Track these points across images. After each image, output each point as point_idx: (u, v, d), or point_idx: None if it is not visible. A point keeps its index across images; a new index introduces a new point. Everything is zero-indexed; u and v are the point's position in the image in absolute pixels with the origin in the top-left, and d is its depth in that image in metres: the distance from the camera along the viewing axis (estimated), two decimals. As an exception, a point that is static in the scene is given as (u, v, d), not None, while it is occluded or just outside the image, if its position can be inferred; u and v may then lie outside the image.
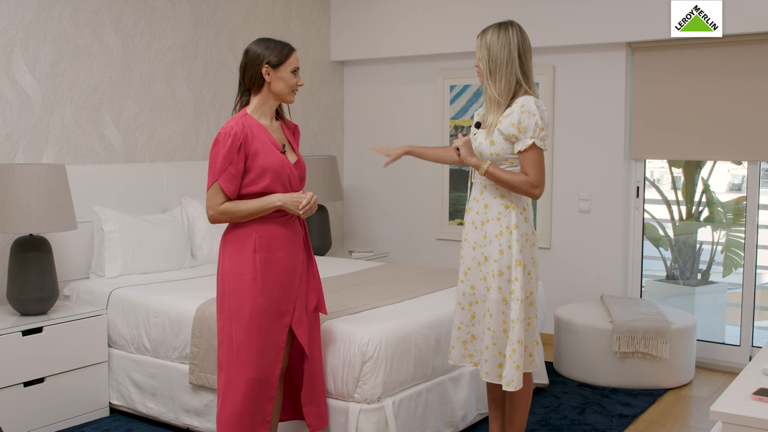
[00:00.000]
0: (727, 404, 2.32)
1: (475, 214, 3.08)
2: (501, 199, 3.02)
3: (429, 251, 5.83)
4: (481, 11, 5.27)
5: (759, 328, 4.88)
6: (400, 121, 5.92)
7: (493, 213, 3.02)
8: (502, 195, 3.02)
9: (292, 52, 2.94)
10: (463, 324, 3.13)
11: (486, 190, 3.04)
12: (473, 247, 3.08)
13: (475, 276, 3.08)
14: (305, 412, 3.08)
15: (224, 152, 2.81)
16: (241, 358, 2.87)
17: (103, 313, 3.85)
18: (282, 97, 2.95)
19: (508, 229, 2.99)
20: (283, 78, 2.91)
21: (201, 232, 4.57)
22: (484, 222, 3.04)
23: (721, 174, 5.59)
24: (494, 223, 3.01)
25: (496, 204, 3.02)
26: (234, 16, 5.26)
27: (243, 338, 2.86)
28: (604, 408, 4.05)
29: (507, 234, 2.99)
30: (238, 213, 2.86)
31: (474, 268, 3.08)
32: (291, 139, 3.04)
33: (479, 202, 3.07)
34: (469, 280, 3.10)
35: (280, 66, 2.90)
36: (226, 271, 2.91)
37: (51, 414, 3.65)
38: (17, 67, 4.04)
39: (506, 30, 2.99)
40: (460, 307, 3.14)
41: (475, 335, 3.11)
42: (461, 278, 3.14)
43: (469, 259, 3.10)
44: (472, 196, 3.12)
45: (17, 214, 3.53)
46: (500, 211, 3.01)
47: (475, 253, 3.07)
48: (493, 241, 3.01)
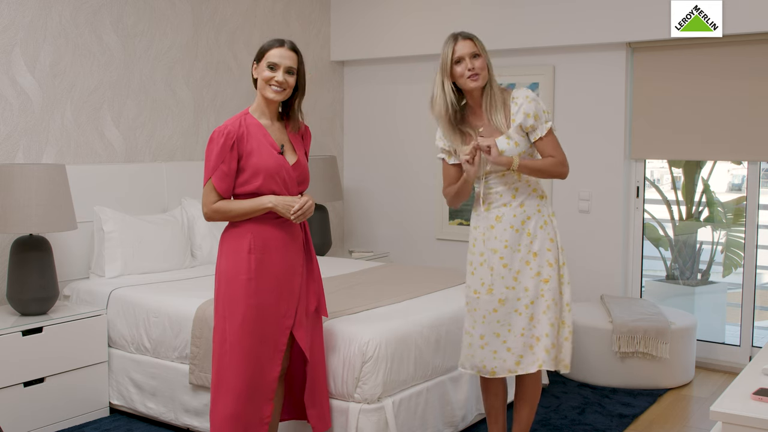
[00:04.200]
0: (727, 404, 2.32)
1: (512, 218, 3.01)
2: (534, 193, 3.05)
3: (429, 251, 5.83)
4: (481, 11, 5.27)
5: (759, 328, 4.88)
6: (400, 121, 5.92)
7: (532, 208, 3.03)
8: (534, 189, 3.06)
9: (273, 47, 2.88)
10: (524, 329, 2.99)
11: (518, 191, 3.03)
12: (518, 249, 3.01)
13: (526, 276, 3.01)
14: (309, 414, 3.07)
15: (217, 150, 2.81)
16: (233, 359, 2.86)
17: (103, 313, 3.85)
18: (262, 92, 2.90)
19: (549, 217, 3.06)
20: (261, 72, 2.88)
21: (201, 232, 4.57)
22: (525, 221, 3.02)
23: (721, 174, 5.59)
24: (536, 217, 3.03)
25: (532, 199, 3.04)
26: (234, 16, 5.26)
27: (236, 339, 2.85)
28: (604, 408, 4.05)
29: (550, 224, 3.05)
30: (230, 212, 2.86)
31: (524, 270, 3.01)
32: (294, 141, 3.02)
33: (513, 205, 3.02)
34: (520, 283, 3.01)
35: (261, 60, 2.89)
36: (222, 270, 2.90)
37: (51, 414, 3.65)
38: (17, 67, 4.04)
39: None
40: (517, 313, 2.99)
41: (534, 335, 3.01)
42: (508, 286, 2.99)
43: (516, 263, 3.00)
44: (500, 203, 3.03)
45: (17, 214, 3.53)
46: (538, 204, 3.05)
47: (522, 254, 3.01)
48: (539, 233, 3.02)
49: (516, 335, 3.01)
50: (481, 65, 2.99)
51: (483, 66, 3.00)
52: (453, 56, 2.99)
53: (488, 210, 3.05)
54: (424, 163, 5.79)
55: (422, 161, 5.81)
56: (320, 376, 3.09)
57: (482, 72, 2.99)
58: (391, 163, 5.99)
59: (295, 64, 2.91)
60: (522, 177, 3.04)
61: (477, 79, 2.99)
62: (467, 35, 3.01)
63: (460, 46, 2.99)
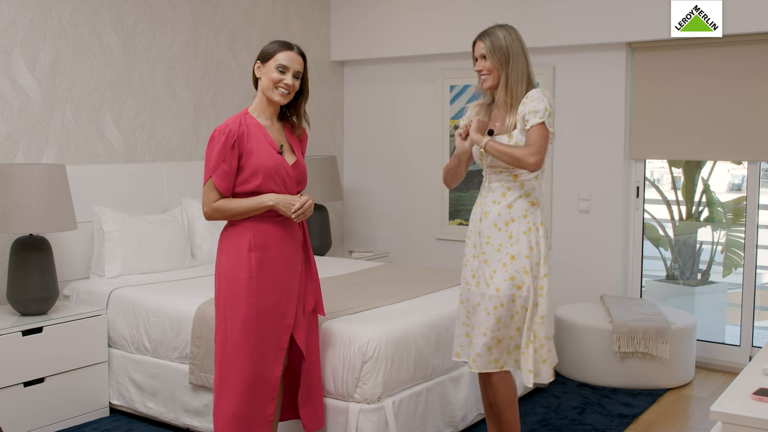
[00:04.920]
0: (727, 404, 2.32)
1: (496, 216, 3.02)
2: (525, 197, 3.02)
3: (429, 251, 5.83)
4: (481, 11, 5.27)
5: (759, 328, 4.88)
6: (400, 121, 5.92)
7: (519, 211, 3.00)
8: (528, 194, 3.02)
9: (283, 49, 2.89)
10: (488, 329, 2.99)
11: (510, 191, 3.02)
12: (498, 249, 3.01)
13: (500, 278, 2.98)
14: (302, 413, 3.08)
15: (218, 149, 2.82)
16: (236, 358, 2.86)
17: (103, 313, 3.85)
18: (266, 93, 2.91)
19: (535, 225, 3.01)
20: (267, 73, 2.89)
21: (201, 232, 4.57)
22: (509, 222, 3.01)
23: (721, 174, 5.59)
24: (521, 221, 3.00)
25: (521, 203, 3.01)
26: (234, 16, 5.26)
27: (238, 338, 2.85)
28: (604, 408, 4.05)
29: (535, 231, 3.01)
30: (230, 211, 2.86)
31: (499, 270, 2.99)
32: (292, 141, 3.03)
33: (501, 204, 3.02)
34: (494, 282, 2.99)
35: (268, 61, 2.89)
36: (222, 270, 2.90)
37: (51, 414, 3.65)
38: (17, 67, 4.04)
39: (510, 28, 3.03)
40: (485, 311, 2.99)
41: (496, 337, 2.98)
42: (487, 282, 3.00)
43: (494, 262, 3.01)
44: (490, 199, 3.05)
45: (17, 214, 3.53)
46: (526, 209, 3.01)
47: (500, 255, 3.00)
48: (521, 238, 2.98)
49: (479, 334, 2.99)
50: (489, 67, 2.99)
51: (491, 68, 2.99)
52: (473, 56, 3.07)
53: (480, 205, 3.09)
54: (424, 163, 5.79)
55: (422, 161, 5.81)
56: (315, 375, 3.10)
57: (491, 73, 2.99)
58: (391, 163, 5.99)
59: (302, 68, 2.93)
60: (517, 179, 3.02)
61: (485, 80, 3.01)
62: (480, 36, 3.03)
63: (476, 47, 3.06)
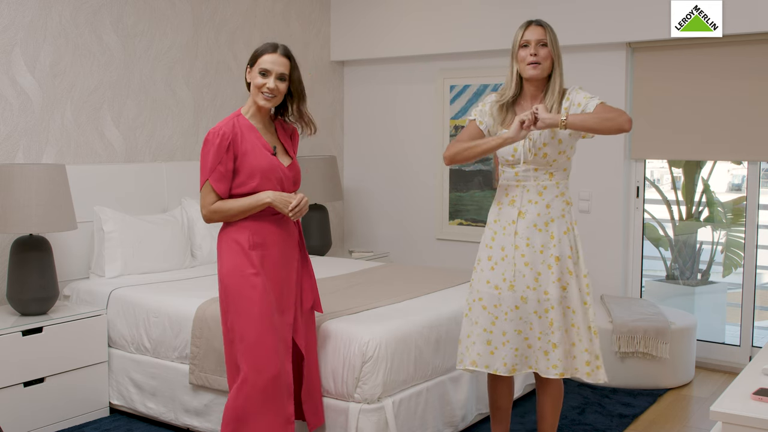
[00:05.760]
0: (727, 404, 2.32)
1: (535, 216, 2.94)
2: (561, 197, 2.98)
3: (429, 251, 5.83)
4: (481, 11, 5.27)
5: (759, 328, 4.88)
6: (400, 121, 5.92)
7: (557, 211, 2.96)
8: (562, 192, 2.99)
9: (266, 53, 2.86)
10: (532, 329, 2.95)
11: (546, 190, 2.96)
12: (540, 250, 2.94)
13: (547, 280, 2.93)
14: (305, 410, 3.09)
15: (213, 151, 2.82)
16: (261, 357, 2.80)
17: (103, 313, 3.85)
18: (254, 98, 2.90)
19: (572, 225, 2.99)
20: (253, 78, 2.89)
21: (201, 232, 4.58)
22: (548, 222, 2.95)
23: (721, 174, 5.59)
24: (560, 221, 2.96)
25: (558, 202, 2.97)
26: (234, 16, 5.26)
27: (256, 335, 2.80)
28: (604, 408, 4.05)
29: (572, 231, 2.99)
30: (229, 211, 2.86)
31: (545, 273, 2.93)
32: (285, 143, 3.04)
33: (539, 204, 2.95)
34: (541, 286, 2.92)
35: (254, 65, 2.89)
36: (226, 270, 2.89)
37: (51, 414, 3.65)
38: (17, 67, 4.04)
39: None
40: (536, 315, 2.93)
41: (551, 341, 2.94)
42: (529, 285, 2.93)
43: (538, 264, 2.93)
44: (526, 199, 2.96)
45: (17, 214, 3.53)
46: (563, 209, 2.98)
47: (544, 257, 2.94)
48: (563, 238, 2.95)
49: (534, 338, 2.97)
50: (545, 55, 2.94)
51: (547, 56, 2.94)
52: (521, 39, 2.97)
53: (512, 204, 2.99)
54: (424, 163, 5.79)
55: (422, 161, 5.81)
56: (314, 372, 3.11)
57: (544, 62, 2.94)
58: (391, 163, 5.99)
59: (287, 70, 2.89)
60: (552, 178, 2.96)
61: (536, 67, 2.94)
62: (540, 22, 2.99)
63: (530, 31, 2.97)
